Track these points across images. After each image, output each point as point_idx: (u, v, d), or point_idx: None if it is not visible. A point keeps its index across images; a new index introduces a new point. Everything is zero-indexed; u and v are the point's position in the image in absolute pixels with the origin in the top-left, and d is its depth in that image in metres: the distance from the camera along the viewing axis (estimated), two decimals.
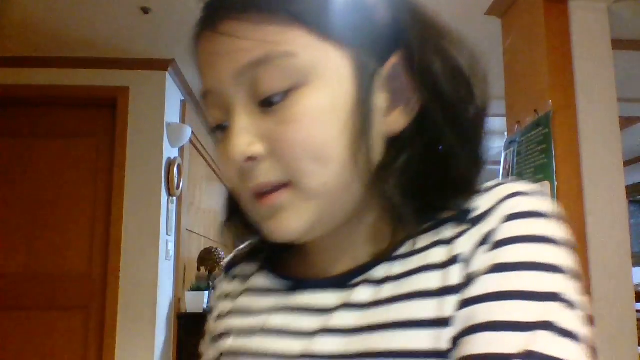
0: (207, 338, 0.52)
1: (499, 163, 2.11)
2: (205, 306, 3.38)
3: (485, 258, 0.33)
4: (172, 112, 3.14)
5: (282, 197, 0.37)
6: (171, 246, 3.15)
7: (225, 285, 0.52)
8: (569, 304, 0.31)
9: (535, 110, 1.86)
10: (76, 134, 2.99)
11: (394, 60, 0.38)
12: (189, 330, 3.22)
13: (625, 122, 3.83)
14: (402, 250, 0.39)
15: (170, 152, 3.11)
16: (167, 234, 3.04)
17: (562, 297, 0.31)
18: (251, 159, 0.37)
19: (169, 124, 3.04)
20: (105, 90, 2.96)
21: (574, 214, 1.74)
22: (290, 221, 0.37)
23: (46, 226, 2.88)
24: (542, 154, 1.80)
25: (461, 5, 2.33)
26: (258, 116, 0.37)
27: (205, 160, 4.39)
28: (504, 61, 2.18)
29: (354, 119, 0.36)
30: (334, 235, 0.41)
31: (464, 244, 0.35)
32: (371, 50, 0.38)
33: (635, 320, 1.76)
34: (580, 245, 1.73)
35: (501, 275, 0.32)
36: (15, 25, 2.56)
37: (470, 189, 0.38)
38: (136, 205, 2.87)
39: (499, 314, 0.31)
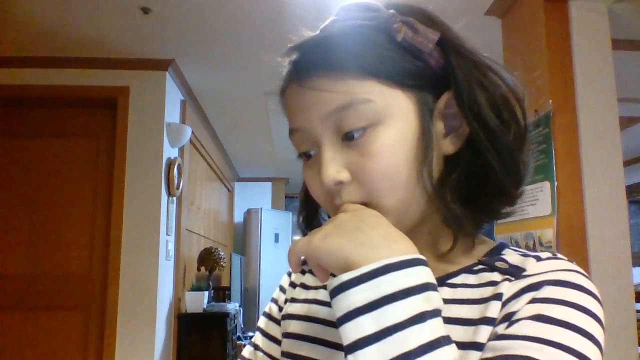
0: (272, 312, 0.61)
1: None
2: (205, 306, 3.38)
3: (531, 307, 0.40)
4: (172, 112, 3.14)
5: None
6: (171, 246, 3.15)
7: (299, 276, 0.61)
8: None
9: (535, 110, 1.86)
10: (76, 134, 2.99)
11: (446, 95, 0.47)
12: (189, 330, 3.22)
13: (625, 122, 3.83)
14: (455, 280, 0.47)
15: (170, 152, 3.11)
16: (167, 234, 3.04)
17: (589, 358, 0.37)
18: (339, 183, 0.45)
19: (169, 124, 3.04)
20: (105, 90, 2.96)
21: (574, 214, 1.74)
22: None
23: (46, 226, 2.88)
24: (542, 154, 1.80)
25: (461, 5, 2.33)
26: (341, 149, 0.46)
27: (205, 160, 4.40)
28: (504, 61, 2.18)
29: (419, 146, 0.45)
30: None
31: (508, 288, 0.43)
32: (429, 88, 0.46)
33: (635, 320, 1.76)
34: (580, 246, 1.73)
35: (543, 324, 0.38)
36: (15, 25, 2.56)
37: (510, 198, 0.48)
38: (136, 205, 2.88)
39: (535, 353, 0.36)
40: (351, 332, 0.35)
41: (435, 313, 0.36)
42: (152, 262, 2.85)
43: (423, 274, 0.37)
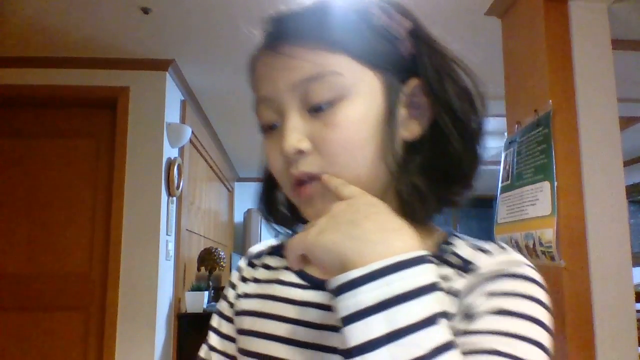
0: (223, 310, 0.61)
1: (499, 163, 2.11)
2: (205, 306, 3.38)
3: (488, 301, 0.42)
4: (172, 112, 3.14)
5: (315, 188, 0.46)
6: (171, 246, 3.15)
7: (251, 270, 0.60)
8: (549, 353, 0.41)
9: (535, 110, 1.86)
10: (76, 134, 2.99)
11: (413, 82, 0.49)
12: (189, 330, 3.22)
13: (625, 122, 3.83)
14: None
15: (170, 152, 3.11)
16: (167, 234, 3.04)
17: (548, 349, 0.40)
18: (299, 152, 0.46)
19: (169, 124, 3.04)
20: (105, 90, 2.96)
21: (574, 214, 1.74)
22: (325, 207, 0.42)
23: (46, 226, 2.88)
24: (542, 154, 1.80)
25: (461, 5, 2.33)
26: (307, 119, 0.46)
27: (205, 160, 4.39)
28: (504, 61, 2.18)
29: (383, 126, 0.46)
30: None
31: (462, 284, 0.44)
32: (396, 73, 0.48)
33: (635, 320, 1.76)
34: (580, 245, 1.73)
35: (503, 317, 0.40)
36: (15, 25, 2.56)
37: (469, 183, 0.49)
38: (136, 205, 2.87)
39: (500, 346, 0.38)
40: (359, 333, 0.33)
41: (443, 314, 0.35)
42: (152, 262, 2.85)
43: (432, 273, 0.36)
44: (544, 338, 0.40)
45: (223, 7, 2.38)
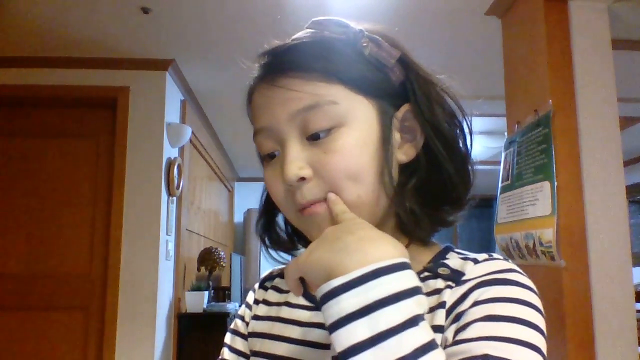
0: (238, 328, 0.63)
1: (499, 163, 2.11)
2: (205, 306, 3.38)
3: (478, 309, 0.43)
4: (172, 112, 3.14)
5: (321, 208, 0.48)
6: (171, 246, 3.15)
7: (262, 292, 0.63)
8: (543, 355, 0.41)
9: (535, 110, 1.86)
10: (76, 134, 2.99)
11: (405, 108, 0.51)
12: (189, 330, 3.22)
13: (625, 122, 3.83)
14: None
15: (170, 152, 3.11)
16: (167, 234, 3.04)
17: (540, 349, 0.41)
18: (301, 179, 0.48)
19: (169, 124, 3.04)
20: (105, 90, 2.96)
21: (574, 214, 1.74)
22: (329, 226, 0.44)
23: (46, 226, 2.88)
24: (542, 154, 1.80)
25: (461, 5, 2.33)
26: (306, 147, 0.48)
27: (205, 160, 4.39)
28: (504, 61, 2.18)
29: (379, 150, 0.49)
30: None
31: (451, 296, 0.46)
32: (389, 99, 0.51)
33: (635, 320, 1.76)
34: (580, 245, 1.73)
35: (493, 323, 0.41)
36: (16, 25, 2.56)
37: (462, 203, 0.52)
38: (136, 205, 2.87)
39: (492, 351, 0.39)
40: (344, 338, 0.35)
41: (423, 316, 0.36)
42: (152, 262, 2.85)
43: (412, 277, 0.37)
44: (537, 340, 0.41)
45: (223, 7, 2.38)
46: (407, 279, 0.37)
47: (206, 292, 3.46)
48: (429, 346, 0.34)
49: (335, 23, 0.52)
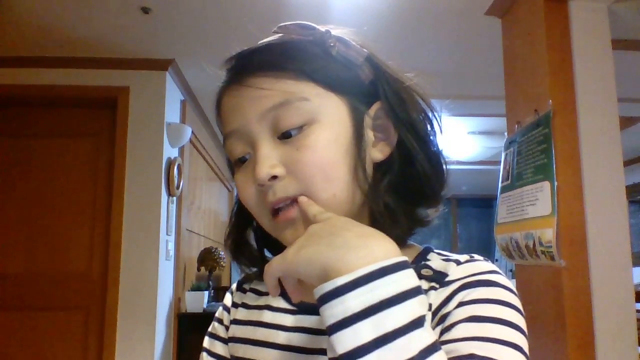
0: (217, 331, 0.62)
1: (499, 163, 2.11)
2: (205, 306, 3.38)
3: (462, 310, 0.43)
4: (172, 112, 3.14)
5: (294, 212, 0.47)
6: (171, 246, 3.15)
7: (240, 295, 0.62)
8: (525, 354, 0.42)
9: (535, 110, 1.86)
10: (76, 134, 2.99)
11: (376, 106, 0.51)
12: (189, 330, 3.22)
13: (625, 122, 3.83)
14: None
15: (170, 152, 3.11)
16: (167, 234, 3.04)
17: (523, 349, 0.41)
18: (273, 177, 0.46)
19: (169, 124, 3.04)
20: (105, 90, 2.96)
21: (574, 214, 1.74)
22: (304, 230, 0.42)
23: (46, 226, 2.88)
24: (542, 154, 1.80)
25: (461, 5, 2.33)
26: (278, 146, 0.47)
27: (205, 160, 4.39)
28: (504, 61, 2.18)
29: (352, 147, 0.48)
30: None
31: (435, 298, 0.46)
32: (360, 97, 0.50)
33: (635, 320, 1.76)
34: (580, 245, 1.73)
35: (478, 324, 0.42)
36: (16, 25, 2.56)
37: (437, 200, 0.53)
38: (136, 205, 2.87)
39: (477, 350, 0.39)
40: (348, 340, 0.33)
41: (426, 317, 0.35)
42: (152, 262, 2.85)
43: (414, 277, 0.36)
44: (520, 340, 0.42)
45: (223, 7, 2.38)
46: (410, 278, 0.36)
47: (206, 292, 3.46)
48: (434, 347, 0.34)
49: (301, 26, 0.51)
